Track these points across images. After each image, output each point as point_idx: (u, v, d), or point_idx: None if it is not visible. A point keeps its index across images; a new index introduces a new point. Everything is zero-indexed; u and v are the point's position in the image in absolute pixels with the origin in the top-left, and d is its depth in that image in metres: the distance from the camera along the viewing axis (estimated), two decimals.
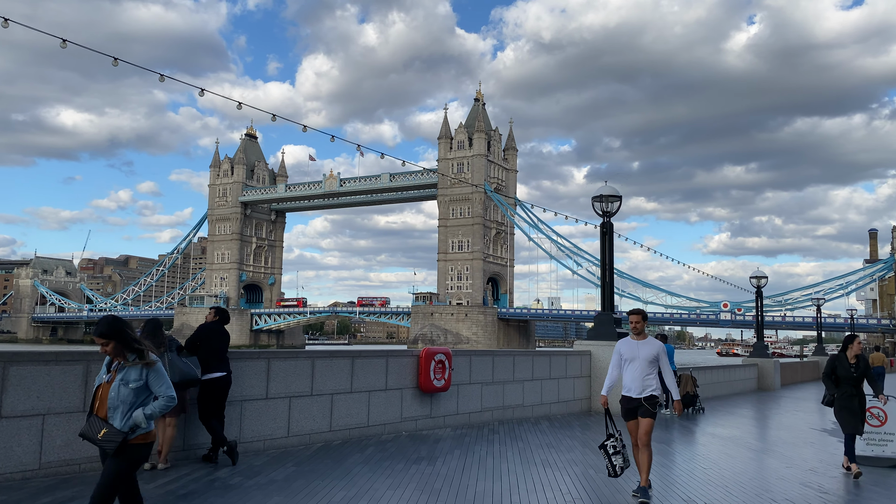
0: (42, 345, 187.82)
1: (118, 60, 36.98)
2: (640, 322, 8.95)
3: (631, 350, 8.88)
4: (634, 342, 8.92)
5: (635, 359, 8.81)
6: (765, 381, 33.49)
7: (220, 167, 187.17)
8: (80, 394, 8.71)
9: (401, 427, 13.26)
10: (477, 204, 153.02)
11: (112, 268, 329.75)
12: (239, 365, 10.53)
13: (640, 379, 8.75)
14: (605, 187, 20.11)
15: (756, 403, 25.74)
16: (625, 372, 8.92)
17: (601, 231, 19.97)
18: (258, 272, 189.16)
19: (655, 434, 15.72)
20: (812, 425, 18.94)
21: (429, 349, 13.86)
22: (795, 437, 16.35)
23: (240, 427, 10.49)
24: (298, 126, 64.51)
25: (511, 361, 16.49)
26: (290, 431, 11.20)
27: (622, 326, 20.21)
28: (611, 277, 20.04)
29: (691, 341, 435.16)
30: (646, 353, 8.77)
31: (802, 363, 46.71)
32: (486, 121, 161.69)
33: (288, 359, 11.29)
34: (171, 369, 8.97)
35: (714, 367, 29.00)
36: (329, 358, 11.98)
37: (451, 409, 14.52)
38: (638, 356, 8.79)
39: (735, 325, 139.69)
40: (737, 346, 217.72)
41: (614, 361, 9.04)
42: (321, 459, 10.34)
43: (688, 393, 20.73)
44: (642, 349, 8.81)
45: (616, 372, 9.02)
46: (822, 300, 54.53)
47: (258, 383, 10.80)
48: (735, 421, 19.92)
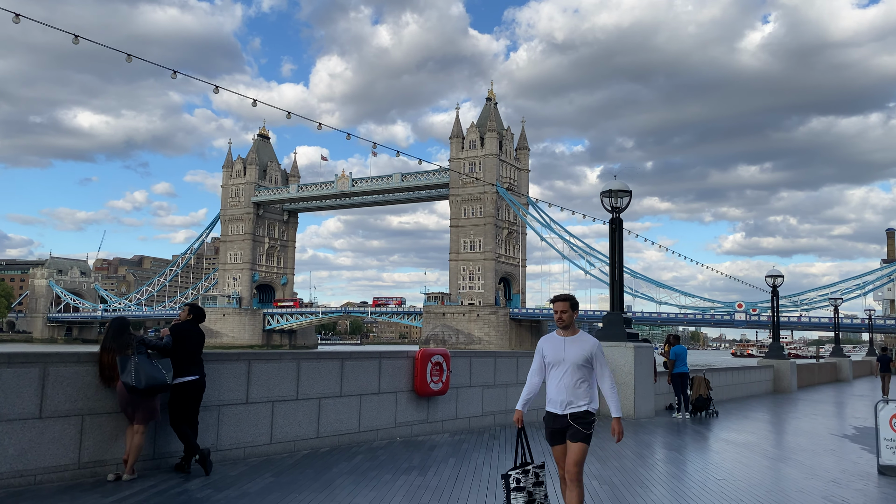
0: (57, 345, 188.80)
1: (176, 71, 36.51)
2: (566, 312, 6.67)
3: (555, 350, 6.65)
4: (560, 339, 6.67)
5: (561, 362, 6.58)
6: (781, 382, 32.55)
7: (232, 168, 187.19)
8: (36, 399, 8.03)
9: (395, 433, 12.54)
10: (489, 203, 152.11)
11: (126, 268, 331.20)
12: (216, 367, 9.83)
13: (567, 389, 6.54)
14: (615, 182, 19.35)
15: (772, 406, 24.84)
16: (548, 379, 6.75)
17: (610, 227, 19.19)
18: (270, 272, 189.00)
19: (667, 440, 14.95)
20: (832, 430, 18.07)
21: (425, 350, 13.15)
22: (815, 443, 15.50)
23: (217, 434, 9.79)
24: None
25: (514, 363, 15.74)
26: (272, 438, 10.50)
27: (632, 326, 19.43)
28: (620, 275, 19.26)
29: (705, 342, 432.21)
30: (574, 355, 6.54)
31: (820, 365, 45.61)
32: (498, 120, 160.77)
33: (270, 361, 10.59)
34: (136, 374, 8.28)
35: (728, 369, 28.10)
36: (316, 360, 11.27)
37: (450, 414, 13.79)
38: (564, 358, 6.57)
39: (750, 325, 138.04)
40: (752, 347, 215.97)
41: (534, 366, 6.82)
42: (303, 469, 9.63)
43: (701, 396, 19.90)
44: (570, 349, 6.58)
45: (536, 379, 6.83)
46: (840, 300, 53.39)
47: (238, 387, 10.10)
48: (750, 425, 19.06)
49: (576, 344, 6.63)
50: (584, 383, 6.60)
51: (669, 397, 20.88)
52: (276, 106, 57.53)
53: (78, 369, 8.40)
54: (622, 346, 18.15)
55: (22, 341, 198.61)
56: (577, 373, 6.56)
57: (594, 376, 6.69)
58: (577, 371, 6.55)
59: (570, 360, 6.57)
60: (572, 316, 6.73)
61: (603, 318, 19.62)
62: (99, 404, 8.54)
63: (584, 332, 6.76)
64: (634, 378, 17.89)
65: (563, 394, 6.58)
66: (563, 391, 6.58)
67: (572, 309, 6.74)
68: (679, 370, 19.71)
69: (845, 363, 47.14)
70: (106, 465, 8.52)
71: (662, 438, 15.06)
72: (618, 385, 18.03)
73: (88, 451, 8.41)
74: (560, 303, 6.74)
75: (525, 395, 6.89)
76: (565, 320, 6.72)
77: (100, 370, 8.48)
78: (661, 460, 12.42)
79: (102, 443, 8.54)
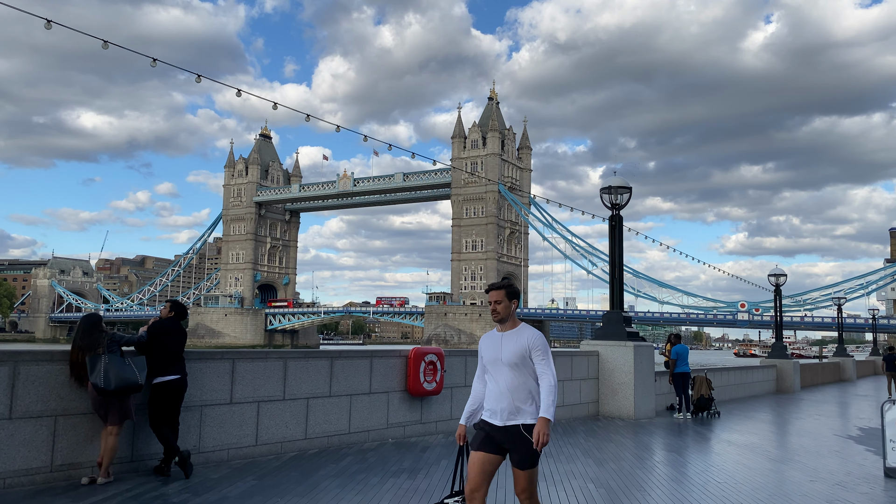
0: (59, 344, 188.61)
1: (200, 75, 36.07)
2: (500, 302, 5.62)
3: (492, 348, 5.62)
4: (497, 335, 5.66)
5: (497, 362, 5.54)
6: (784, 382, 32.15)
7: (234, 167, 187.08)
8: (6, 399, 7.69)
9: (387, 434, 12.19)
10: (490, 203, 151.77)
11: (128, 268, 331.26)
12: (199, 366, 9.49)
13: (505, 395, 5.44)
14: (614, 178, 18.99)
15: (775, 407, 24.46)
16: (487, 383, 5.66)
17: (610, 224, 18.84)
18: (272, 272, 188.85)
19: (668, 441, 14.57)
20: (836, 431, 17.69)
21: (418, 349, 12.80)
22: (818, 444, 15.12)
23: (199, 435, 9.45)
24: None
25: None
26: (258, 440, 10.15)
27: (632, 325, 19.07)
28: (620, 273, 18.90)
29: (708, 342, 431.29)
30: (509, 352, 5.49)
31: (823, 364, 45.18)
32: (500, 119, 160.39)
33: (256, 360, 10.24)
34: (105, 375, 7.91)
35: (730, 369, 27.71)
36: (304, 359, 10.92)
37: (444, 414, 13.43)
38: (500, 357, 5.53)
39: (753, 325, 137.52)
40: (754, 347, 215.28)
41: (478, 370, 5.79)
42: (288, 472, 9.29)
43: (702, 396, 19.53)
44: (506, 346, 5.54)
45: (479, 386, 5.75)
46: (844, 299, 52.92)
47: (221, 386, 9.75)
48: (753, 426, 18.69)
49: (511, 339, 5.57)
50: (525, 386, 5.47)
51: (670, 397, 20.52)
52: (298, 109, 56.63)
53: (51, 368, 8.06)
54: (622, 346, 17.79)
55: (24, 341, 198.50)
56: (515, 374, 5.46)
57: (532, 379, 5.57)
58: (515, 372, 5.46)
59: (505, 358, 5.50)
60: (509, 307, 5.65)
61: (602, 317, 19.27)
62: (73, 404, 8.21)
63: (525, 325, 5.67)
64: (634, 378, 17.53)
65: (501, 401, 5.45)
66: (501, 398, 5.46)
67: (509, 298, 5.66)
68: (680, 370, 19.34)
69: (849, 363, 46.71)
70: (80, 468, 8.19)
71: (663, 440, 14.71)
72: (618, 385, 17.66)
73: (62, 453, 8.07)
74: (494, 292, 5.68)
75: (468, 407, 5.78)
76: (500, 312, 5.63)
77: (71, 369, 8.14)
78: (661, 462, 12.06)
79: (77, 445, 8.21)
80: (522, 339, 5.53)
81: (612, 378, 17.82)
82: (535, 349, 5.51)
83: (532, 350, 5.51)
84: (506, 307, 5.64)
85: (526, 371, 5.49)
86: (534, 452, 5.35)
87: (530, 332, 5.58)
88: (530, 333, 5.55)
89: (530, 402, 5.46)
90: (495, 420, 5.47)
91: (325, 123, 36.92)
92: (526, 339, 5.52)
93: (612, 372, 17.82)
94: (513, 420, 5.41)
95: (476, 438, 5.57)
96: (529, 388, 5.48)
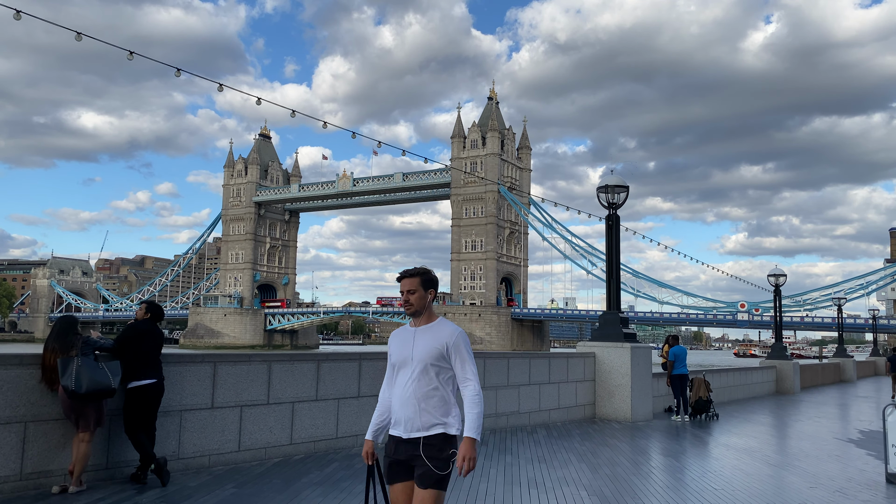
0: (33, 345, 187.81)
1: (222, 84, 35.83)
2: (414, 292, 4.76)
3: (402, 346, 4.76)
4: (410, 331, 4.81)
5: (407, 362, 4.68)
6: (783, 384, 31.84)
7: (234, 167, 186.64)
8: None
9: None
10: (490, 203, 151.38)
11: (128, 268, 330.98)
12: (178, 370, 9.19)
13: (410, 401, 4.57)
14: (611, 177, 18.70)
15: (774, 409, 24.16)
16: (394, 388, 4.77)
17: (606, 223, 18.55)
18: (272, 272, 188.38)
19: (665, 445, 14.26)
20: (836, 434, 17.40)
21: None
22: (818, 448, 14.82)
23: (179, 441, 9.15)
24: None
25: (505, 365, 15.08)
26: (241, 445, 9.85)
27: (629, 326, 18.76)
28: (617, 273, 18.61)
29: (708, 342, 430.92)
30: (423, 351, 4.63)
31: (823, 365, 44.86)
32: (500, 119, 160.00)
33: (239, 363, 9.93)
34: (77, 378, 7.60)
35: (729, 370, 27.41)
36: (289, 362, 10.61)
37: None
38: (412, 357, 4.67)
39: (753, 325, 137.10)
40: (754, 347, 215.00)
41: (387, 372, 4.90)
42: (271, 479, 8.99)
43: (700, 398, 19.22)
44: (419, 344, 4.68)
45: (389, 392, 4.83)
46: (844, 300, 52.58)
47: (202, 390, 9.45)
48: (752, 429, 18.39)
49: (426, 336, 4.69)
50: (437, 393, 4.60)
51: (668, 399, 20.22)
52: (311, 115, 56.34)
53: (20, 372, 7.75)
54: (619, 347, 17.49)
55: (24, 341, 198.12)
56: (427, 378, 4.60)
57: (455, 382, 4.74)
58: (427, 375, 4.60)
59: (418, 358, 4.62)
60: (424, 298, 4.77)
61: (599, 318, 18.97)
62: (44, 410, 7.90)
63: (444, 320, 4.80)
64: (631, 379, 17.23)
65: (407, 408, 4.56)
66: (408, 405, 4.56)
67: (424, 288, 4.77)
68: (678, 371, 19.04)
69: (849, 364, 46.39)
70: (52, 476, 7.88)
71: (660, 443, 14.41)
72: (614, 387, 17.35)
73: (32, 460, 7.76)
74: (406, 280, 4.79)
75: (376, 418, 4.83)
76: (414, 304, 4.74)
77: (42, 372, 7.83)
78: (657, 468, 11.76)
79: (48, 452, 7.90)
80: (440, 337, 4.66)
81: (608, 380, 17.52)
82: (457, 349, 4.65)
83: (452, 350, 4.65)
84: (420, 298, 4.77)
85: (441, 375, 4.64)
86: (442, 471, 4.48)
87: (450, 328, 4.72)
88: (450, 329, 4.71)
89: (443, 412, 4.60)
90: (400, 432, 4.59)
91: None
92: (445, 336, 4.66)
93: (608, 374, 17.52)
94: (417, 432, 4.55)
95: (386, 466, 4.68)
96: (443, 396, 4.63)
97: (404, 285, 4.78)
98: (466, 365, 4.66)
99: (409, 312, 4.77)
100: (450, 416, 4.60)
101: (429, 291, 4.81)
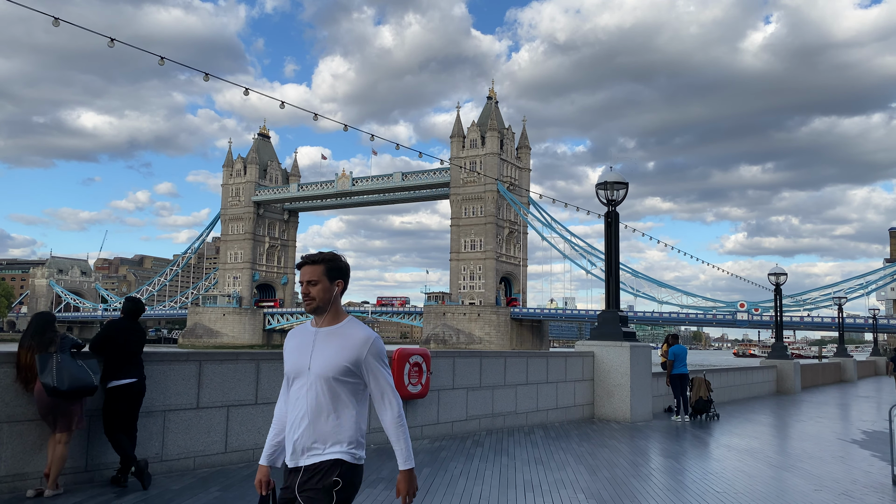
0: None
1: (248, 89, 35.36)
2: (316, 283, 3.75)
3: (299, 352, 3.76)
4: (310, 333, 3.81)
5: (303, 373, 3.69)
6: (784, 383, 31.54)
7: (232, 167, 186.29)
8: None
9: (368, 439, 11.57)
10: (489, 203, 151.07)
11: (127, 268, 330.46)
12: (162, 369, 8.88)
13: (303, 422, 3.61)
14: (611, 174, 18.40)
15: (775, 409, 23.86)
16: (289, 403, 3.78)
17: (606, 221, 18.24)
18: (271, 272, 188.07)
19: (665, 446, 13.95)
20: (839, 435, 17.10)
21: (402, 350, 12.20)
22: (822, 449, 14.52)
23: (162, 442, 8.84)
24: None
25: (502, 364, 14.78)
26: (227, 447, 9.54)
27: (629, 325, 18.47)
28: (616, 271, 18.31)
29: (707, 342, 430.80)
30: (323, 362, 3.65)
31: (823, 365, 44.55)
32: (499, 119, 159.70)
33: (226, 361, 9.62)
34: (58, 374, 7.31)
35: (730, 370, 27.11)
36: (278, 361, 10.31)
37: (430, 418, 12.84)
38: (308, 366, 3.68)
39: (752, 325, 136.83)
40: (754, 347, 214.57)
41: (283, 384, 3.88)
42: None
43: (701, 398, 18.92)
44: (320, 349, 3.70)
45: (285, 407, 3.82)
46: (845, 299, 52.30)
47: (187, 390, 9.14)
48: (753, 429, 18.10)
49: (332, 340, 3.69)
50: (335, 412, 3.60)
51: (668, 399, 19.93)
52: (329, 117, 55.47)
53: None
54: (618, 346, 17.19)
55: None
56: (328, 392, 3.60)
57: (364, 399, 3.74)
58: (328, 388, 3.60)
59: (317, 367, 3.62)
60: (330, 291, 3.75)
61: (598, 317, 18.67)
62: (20, 410, 7.59)
63: (354, 321, 3.79)
64: (631, 379, 16.92)
65: (298, 430, 3.58)
66: (298, 425, 3.59)
67: (329, 278, 3.75)
68: (678, 371, 18.75)
69: (850, 363, 46.09)
70: (27, 479, 7.57)
71: (659, 444, 14.11)
72: (613, 387, 17.05)
73: (6, 463, 7.46)
74: (307, 267, 3.76)
75: (271, 439, 3.86)
76: (315, 298, 3.72)
77: (17, 371, 7.53)
78: (657, 470, 11.46)
79: (23, 454, 7.59)
80: (350, 344, 3.67)
81: (607, 380, 17.22)
82: (371, 362, 3.66)
83: (364, 364, 3.66)
84: (324, 291, 3.74)
85: (345, 389, 3.63)
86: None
87: (362, 333, 3.70)
88: (362, 336, 3.69)
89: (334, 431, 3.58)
90: (289, 459, 3.64)
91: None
92: (356, 346, 3.66)
93: (607, 373, 17.22)
94: (308, 458, 3.56)
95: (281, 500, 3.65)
96: (336, 413, 3.61)
97: (304, 274, 3.77)
98: (382, 380, 3.68)
99: (309, 309, 3.75)
100: (345, 438, 3.58)
101: (335, 282, 3.79)
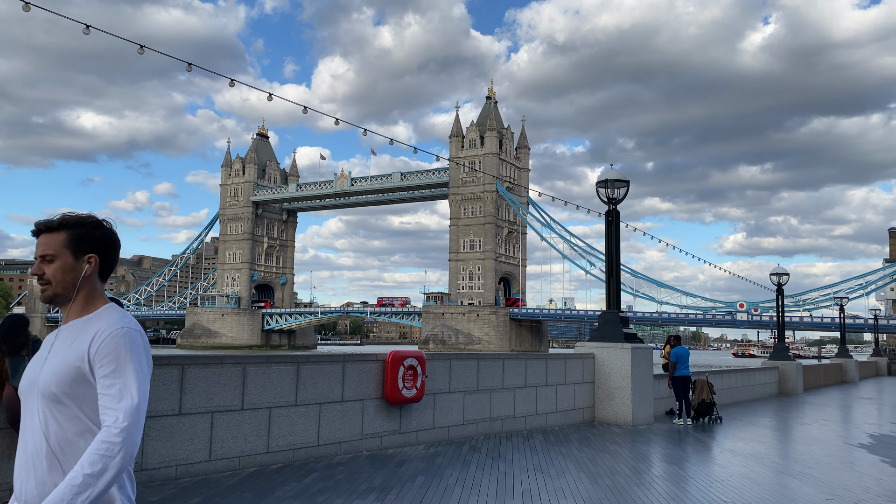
0: None
1: (274, 94, 35.06)
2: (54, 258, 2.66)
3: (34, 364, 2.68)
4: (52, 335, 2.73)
5: (30, 390, 2.59)
6: (786, 385, 31.11)
7: (231, 167, 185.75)
8: None
9: (361, 445, 11.16)
10: (489, 203, 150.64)
11: (125, 268, 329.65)
12: None
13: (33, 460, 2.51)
14: (611, 172, 18.00)
15: (778, 411, 23.45)
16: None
17: (606, 220, 17.84)
18: (269, 272, 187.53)
19: (667, 451, 13.51)
20: (845, 439, 16.70)
21: (396, 353, 11.77)
22: (829, 454, 14.10)
23: (142, 450, 8.39)
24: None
25: (500, 366, 14.36)
26: (212, 454, 9.12)
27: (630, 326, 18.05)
28: (617, 271, 17.89)
29: (707, 342, 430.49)
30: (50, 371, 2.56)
31: (825, 366, 44.14)
32: (498, 119, 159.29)
33: (210, 365, 9.20)
34: None
35: (732, 371, 26.72)
36: (266, 364, 9.88)
37: (426, 423, 12.42)
38: (38, 380, 2.57)
39: (752, 325, 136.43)
40: (753, 347, 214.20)
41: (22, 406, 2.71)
42: (242, 491, 8.26)
43: (703, 400, 18.49)
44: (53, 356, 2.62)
45: None
46: (846, 299, 51.93)
47: (169, 395, 8.72)
48: (757, 433, 17.69)
49: (70, 340, 2.63)
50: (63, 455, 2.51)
51: (670, 402, 19.51)
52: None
53: None
54: (619, 348, 16.78)
55: None
56: (60, 416, 2.54)
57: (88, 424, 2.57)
58: (58, 410, 2.54)
59: (42, 382, 2.56)
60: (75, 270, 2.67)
61: (598, 318, 18.26)
62: None
63: (112, 308, 2.70)
64: (632, 382, 16.51)
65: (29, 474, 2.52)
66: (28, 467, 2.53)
67: (74, 252, 2.66)
68: (680, 373, 18.34)
69: (851, 364, 45.68)
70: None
71: (662, 449, 13.69)
72: (614, 389, 16.62)
73: None
74: (43, 237, 2.66)
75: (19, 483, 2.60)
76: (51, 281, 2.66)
77: None
78: (660, 477, 11.04)
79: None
80: (85, 334, 2.58)
81: (608, 382, 16.81)
82: (102, 356, 2.52)
83: (95, 358, 2.52)
84: (64, 270, 2.66)
85: (83, 407, 2.54)
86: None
87: (108, 321, 2.61)
88: (106, 324, 2.59)
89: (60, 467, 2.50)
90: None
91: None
92: (89, 338, 2.56)
93: (608, 375, 16.81)
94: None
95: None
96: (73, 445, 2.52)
97: (38, 247, 2.67)
98: (118, 382, 2.49)
99: (45, 297, 2.67)
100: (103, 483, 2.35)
101: (86, 258, 2.68)
